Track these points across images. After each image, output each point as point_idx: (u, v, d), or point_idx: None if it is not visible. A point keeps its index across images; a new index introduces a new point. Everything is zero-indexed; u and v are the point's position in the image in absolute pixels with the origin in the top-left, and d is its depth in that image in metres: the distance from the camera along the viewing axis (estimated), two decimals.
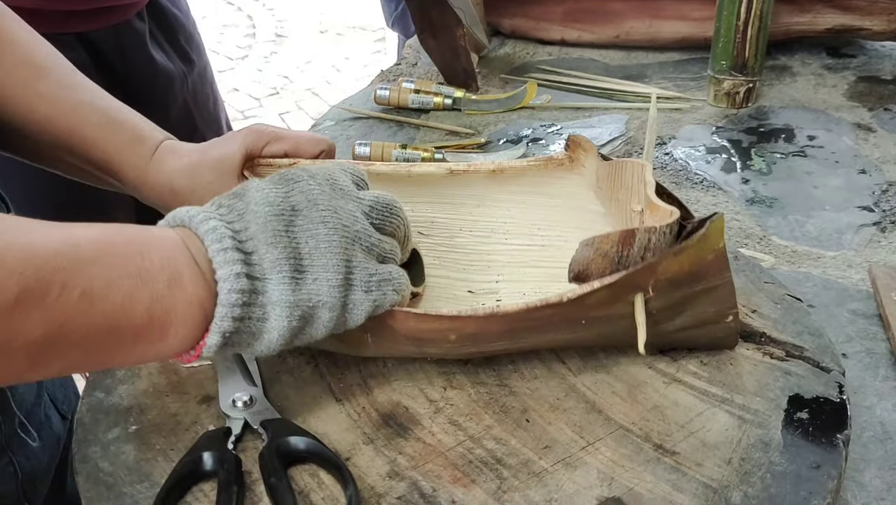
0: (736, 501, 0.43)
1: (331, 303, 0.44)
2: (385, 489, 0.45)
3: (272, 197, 0.45)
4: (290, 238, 0.44)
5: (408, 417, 0.50)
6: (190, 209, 0.44)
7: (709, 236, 0.47)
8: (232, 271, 0.42)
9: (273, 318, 0.43)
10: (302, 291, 0.44)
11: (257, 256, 0.43)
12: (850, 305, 0.68)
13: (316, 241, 0.44)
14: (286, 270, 0.43)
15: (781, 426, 0.48)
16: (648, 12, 1.17)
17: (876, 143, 0.93)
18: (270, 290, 0.43)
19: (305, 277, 0.44)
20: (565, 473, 0.46)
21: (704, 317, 0.51)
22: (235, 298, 0.42)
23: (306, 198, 0.46)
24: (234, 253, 0.42)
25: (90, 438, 0.49)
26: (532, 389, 0.52)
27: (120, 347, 0.40)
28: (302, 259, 0.44)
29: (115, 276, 0.38)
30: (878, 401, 0.59)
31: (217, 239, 0.42)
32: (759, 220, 0.81)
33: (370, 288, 0.46)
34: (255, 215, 0.44)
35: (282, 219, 0.44)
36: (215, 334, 0.42)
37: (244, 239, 0.43)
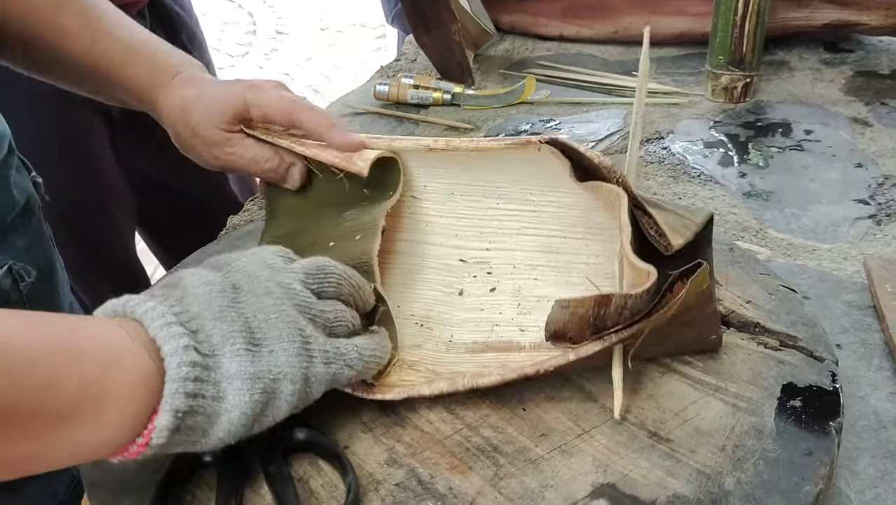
0: (729, 486, 0.44)
1: (292, 374, 0.42)
2: (383, 476, 0.46)
3: (210, 277, 0.43)
4: (237, 312, 0.41)
5: (406, 406, 0.51)
6: (120, 299, 0.41)
7: (694, 287, 0.46)
8: (179, 344, 0.38)
9: (231, 394, 0.40)
10: (261, 363, 0.41)
11: (204, 334, 0.40)
12: (845, 296, 0.69)
13: (265, 314, 0.42)
14: (240, 343, 0.40)
15: (775, 414, 0.48)
16: (647, 8, 1.18)
17: (872, 137, 0.93)
18: (225, 365, 0.40)
19: (261, 350, 0.41)
20: (561, 460, 0.46)
21: (688, 340, 0.52)
22: (186, 371, 0.38)
23: (245, 274, 0.44)
24: (178, 328, 0.39)
25: None
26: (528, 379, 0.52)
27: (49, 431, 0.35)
28: (254, 332, 0.41)
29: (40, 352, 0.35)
30: (872, 391, 0.59)
31: (158, 316, 0.39)
32: (755, 213, 0.81)
33: (329, 360, 0.44)
34: (194, 297, 0.41)
35: (225, 295, 0.42)
36: (166, 413, 0.38)
37: (187, 320, 0.40)
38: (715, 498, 0.43)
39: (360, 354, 0.46)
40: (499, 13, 1.24)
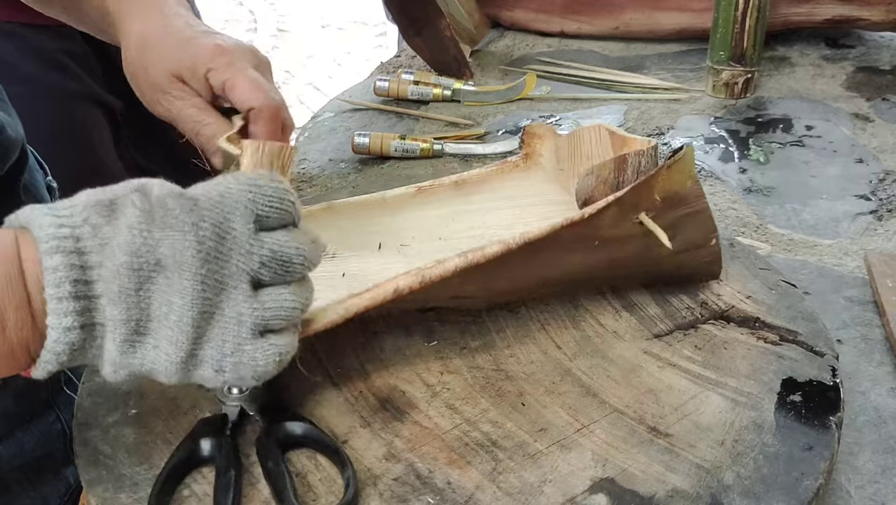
0: (728, 481, 0.44)
1: (166, 375, 0.42)
2: (382, 471, 0.46)
3: (138, 244, 0.40)
4: (139, 298, 0.40)
5: (405, 401, 0.50)
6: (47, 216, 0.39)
7: (686, 161, 0.54)
8: (62, 324, 0.39)
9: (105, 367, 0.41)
10: (135, 355, 0.41)
11: (100, 302, 0.40)
12: (846, 292, 0.69)
13: (167, 310, 0.40)
14: (123, 332, 0.40)
15: (774, 409, 0.48)
16: (648, 3, 1.18)
17: (873, 133, 0.93)
18: (104, 342, 0.40)
19: (145, 342, 0.41)
20: (560, 455, 0.46)
21: (694, 240, 0.57)
22: (62, 348, 0.39)
23: (175, 257, 0.40)
24: (70, 303, 0.39)
25: (90, 422, 0.49)
26: (528, 374, 0.52)
27: None
28: (148, 321, 0.41)
29: None
30: (873, 386, 0.59)
31: (56, 283, 0.38)
32: (756, 209, 0.81)
33: (222, 368, 0.42)
34: (112, 258, 0.39)
35: (138, 274, 0.40)
36: (40, 370, 0.40)
37: (94, 279, 0.39)
38: (714, 492, 0.43)
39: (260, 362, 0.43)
40: (499, 10, 1.24)
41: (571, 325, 0.56)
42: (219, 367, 0.42)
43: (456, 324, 0.57)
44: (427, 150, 0.91)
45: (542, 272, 0.55)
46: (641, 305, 0.58)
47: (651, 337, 0.55)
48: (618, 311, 0.58)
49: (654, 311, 0.57)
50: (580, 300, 0.58)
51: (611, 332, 0.56)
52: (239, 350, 0.42)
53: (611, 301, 0.58)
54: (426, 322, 0.57)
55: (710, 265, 0.58)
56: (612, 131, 0.61)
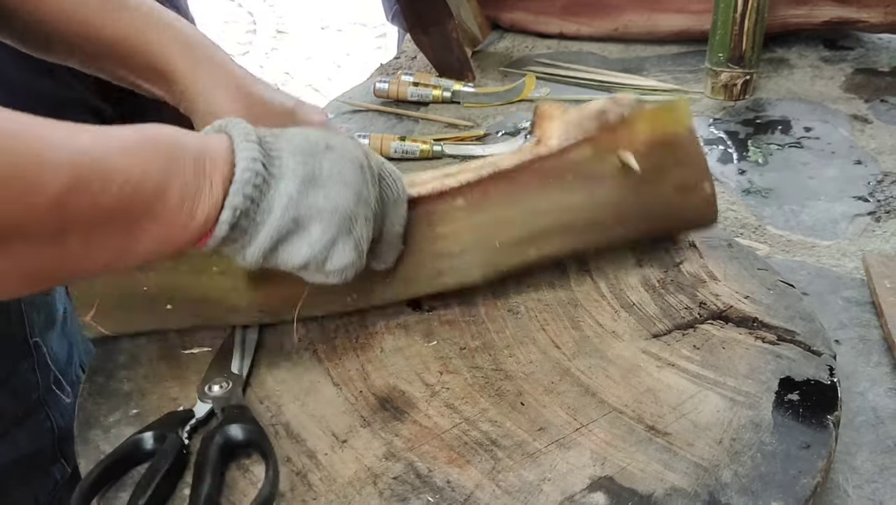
0: (726, 479, 0.44)
1: (326, 224, 0.47)
2: (382, 470, 0.46)
3: (309, 133, 0.49)
4: (315, 159, 0.47)
5: (404, 401, 0.51)
6: (231, 119, 0.48)
7: (676, 109, 0.57)
8: (249, 155, 0.45)
9: (275, 210, 0.46)
10: (307, 198, 0.46)
11: (279, 161, 0.46)
12: (844, 292, 0.69)
13: (339, 171, 0.47)
14: (300, 174, 0.46)
15: (772, 408, 0.49)
16: (647, 5, 1.18)
17: (872, 135, 0.93)
18: (281, 185, 0.46)
19: (317, 191, 0.47)
20: (559, 454, 0.46)
21: (683, 182, 0.59)
22: (248, 175, 0.44)
23: (342, 145, 0.49)
24: (254, 145, 0.45)
25: (91, 422, 0.50)
26: (527, 374, 0.52)
27: (155, 230, 0.43)
28: (320, 177, 0.47)
29: (148, 165, 0.42)
30: (871, 386, 0.60)
31: (243, 133, 0.46)
32: (754, 210, 0.82)
33: (360, 247, 0.49)
34: (287, 140, 0.48)
35: (314, 146, 0.48)
36: (228, 209, 0.44)
37: (271, 149, 0.46)
38: (712, 491, 0.43)
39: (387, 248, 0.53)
40: (499, 11, 1.24)
41: (570, 325, 0.57)
42: (358, 244, 0.49)
43: (456, 324, 0.57)
44: (427, 152, 0.91)
45: (527, 215, 0.57)
46: (640, 305, 0.58)
47: (650, 337, 0.55)
48: (616, 311, 0.58)
49: (652, 311, 0.58)
50: (579, 301, 0.59)
51: (609, 332, 0.56)
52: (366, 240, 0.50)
53: (609, 301, 0.59)
54: (426, 322, 0.57)
55: (702, 211, 0.60)
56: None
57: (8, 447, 0.64)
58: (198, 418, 0.48)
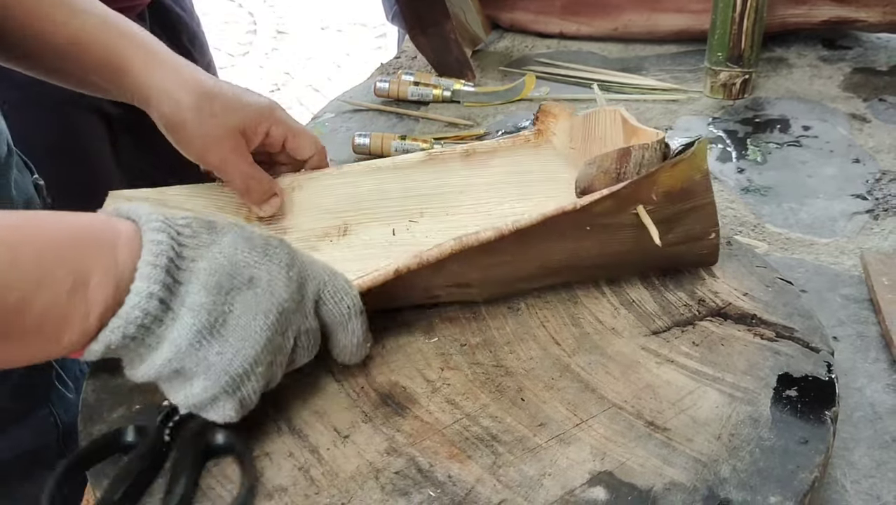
0: (725, 474, 0.44)
1: (211, 384, 0.42)
2: (383, 465, 0.46)
3: (239, 257, 0.43)
4: (226, 299, 0.41)
5: (406, 397, 0.51)
6: (153, 213, 0.42)
7: (696, 156, 0.54)
8: (147, 289, 0.39)
9: (157, 352, 0.41)
10: (198, 352, 0.41)
11: (184, 289, 0.41)
12: (842, 290, 0.69)
13: (246, 323, 0.42)
14: (201, 321, 0.41)
15: (770, 403, 0.49)
16: (646, 5, 1.18)
17: (870, 133, 0.94)
18: (175, 328, 0.41)
19: (211, 344, 0.41)
20: (559, 449, 0.47)
21: (692, 233, 0.57)
22: (136, 315, 0.39)
23: (269, 283, 0.43)
24: (161, 273, 0.40)
25: (95, 418, 0.50)
26: (527, 370, 0.53)
27: (7, 347, 0.38)
28: (223, 326, 0.41)
29: (9, 276, 0.37)
30: (869, 382, 0.60)
31: (154, 253, 0.40)
32: (753, 208, 0.82)
33: (247, 403, 0.45)
34: (211, 260, 0.42)
35: (233, 280, 0.42)
36: (100, 343, 0.40)
37: (184, 268, 0.41)
38: (711, 485, 0.44)
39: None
40: (499, 11, 1.25)
41: (570, 322, 0.57)
42: (245, 400, 0.44)
43: (457, 321, 0.57)
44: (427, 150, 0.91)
45: (538, 258, 0.56)
46: (640, 302, 0.59)
47: (649, 334, 0.56)
48: (616, 308, 0.58)
49: (652, 308, 0.58)
50: (579, 298, 0.59)
51: (609, 328, 0.56)
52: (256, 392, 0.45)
53: (609, 299, 0.59)
54: (427, 319, 0.57)
55: (706, 257, 0.60)
56: (625, 118, 0.63)
57: (12, 443, 0.65)
58: (181, 415, 0.48)
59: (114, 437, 0.46)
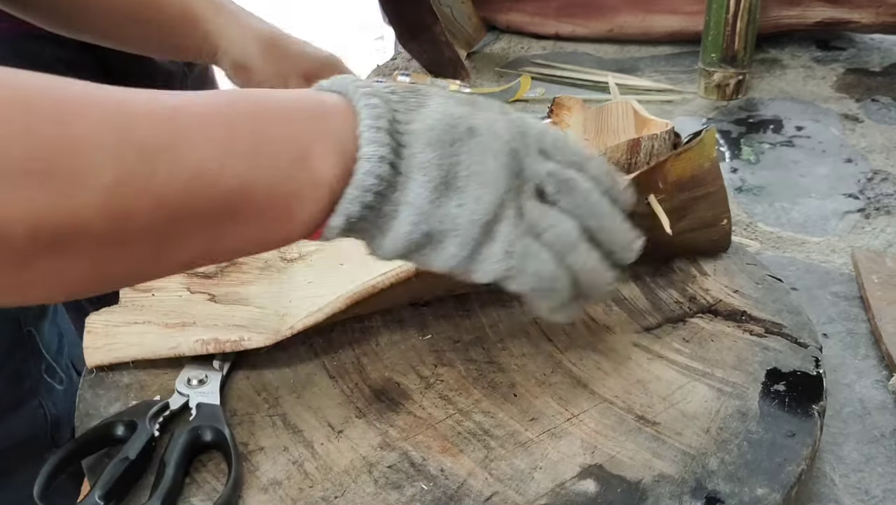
0: (713, 466, 0.45)
1: (462, 238, 0.39)
2: (376, 459, 0.47)
3: (452, 108, 0.40)
4: (452, 151, 0.39)
5: (399, 393, 0.52)
6: (358, 80, 0.40)
7: (705, 144, 0.55)
8: (377, 153, 0.37)
9: (401, 219, 0.39)
10: (439, 209, 0.39)
11: (408, 151, 0.38)
12: (833, 287, 0.70)
13: (479, 168, 0.39)
14: (433, 177, 0.38)
15: (759, 398, 0.50)
16: (641, 7, 1.19)
17: (863, 133, 0.95)
18: (410, 189, 0.38)
19: (450, 197, 0.39)
20: (550, 443, 0.47)
21: (704, 220, 0.58)
22: (371, 182, 0.37)
23: (489, 126, 0.40)
24: (385, 136, 0.37)
25: (92, 413, 0.50)
26: (520, 366, 0.53)
27: (242, 231, 0.36)
28: (455, 178, 0.39)
29: (227, 155, 0.34)
30: (858, 378, 0.61)
31: (373, 116, 0.37)
32: (746, 207, 0.83)
33: (511, 253, 0.40)
34: (425, 117, 0.39)
35: (453, 132, 0.39)
36: (340, 216, 0.38)
37: (403, 131, 0.38)
38: (699, 477, 0.44)
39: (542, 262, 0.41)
40: (495, 13, 1.25)
41: None
42: (509, 247, 0.40)
43: (450, 318, 0.58)
44: None
45: None
46: (632, 299, 0.59)
47: (641, 330, 0.56)
48: (608, 305, 0.59)
49: (643, 305, 0.59)
50: None
51: (602, 325, 0.57)
52: (525, 241, 0.40)
53: None
54: (421, 316, 0.58)
55: (718, 242, 0.61)
56: (636, 110, 0.64)
57: (7, 432, 0.66)
58: (172, 411, 0.49)
59: (105, 430, 0.47)
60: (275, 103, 0.38)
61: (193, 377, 0.51)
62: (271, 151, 0.36)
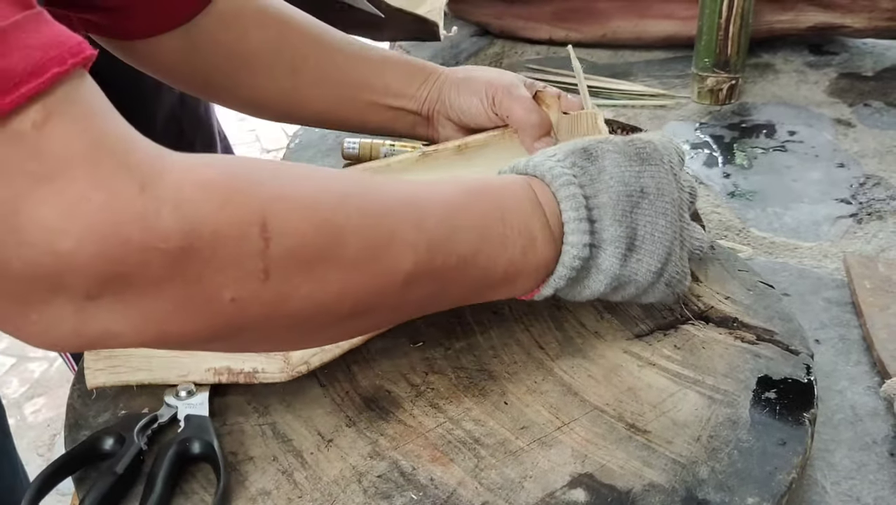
0: (703, 475, 0.45)
1: (642, 284, 0.50)
2: (366, 468, 0.47)
3: (626, 175, 0.49)
4: (632, 219, 0.48)
5: (390, 401, 0.52)
6: (547, 162, 0.48)
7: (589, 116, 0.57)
8: (581, 241, 0.47)
9: (594, 280, 0.49)
10: (626, 267, 0.48)
11: (600, 226, 0.48)
12: (825, 293, 0.70)
13: (652, 228, 0.48)
14: (622, 248, 0.48)
15: (750, 405, 0.50)
16: (635, 11, 1.19)
17: (855, 138, 0.95)
18: (602, 259, 0.48)
19: (632, 256, 0.48)
20: (541, 452, 0.47)
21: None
22: (577, 263, 0.47)
23: (656, 184, 0.49)
24: (586, 224, 0.47)
25: (80, 423, 0.50)
26: (511, 374, 0.53)
27: (477, 298, 0.48)
28: (635, 240, 0.48)
29: (482, 243, 0.44)
30: (850, 385, 0.60)
31: (574, 207, 0.47)
32: (738, 212, 0.83)
33: (672, 282, 0.51)
34: (607, 187, 0.48)
35: (630, 200, 0.48)
36: (549, 288, 0.48)
37: (592, 207, 0.48)
38: (689, 487, 0.44)
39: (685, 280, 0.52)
40: (488, 18, 1.25)
41: (554, 326, 0.57)
42: (671, 280, 0.51)
43: (441, 326, 0.58)
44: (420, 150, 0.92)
45: None
46: (623, 306, 0.59)
47: (632, 337, 0.56)
48: (600, 312, 0.59)
49: (635, 312, 0.59)
50: (563, 302, 0.59)
51: (593, 332, 0.57)
52: (682, 267, 0.51)
53: (593, 303, 0.59)
54: (412, 324, 0.58)
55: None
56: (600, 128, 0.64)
57: None
58: (160, 423, 0.49)
59: (93, 444, 0.47)
60: (508, 193, 0.47)
61: (182, 388, 0.50)
62: (512, 240, 0.45)
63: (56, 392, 1.96)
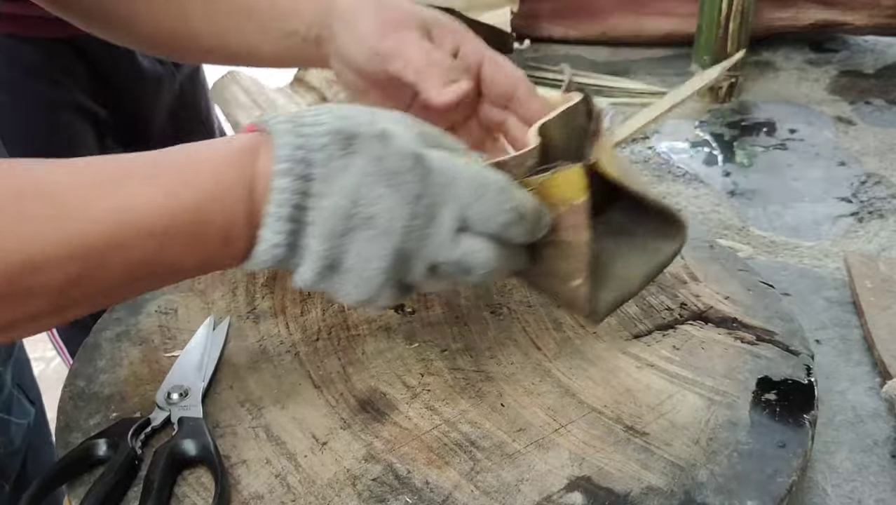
0: (702, 479, 0.44)
1: (347, 302, 0.45)
2: (361, 471, 0.46)
3: (362, 192, 0.41)
4: (341, 242, 0.42)
5: (385, 403, 0.51)
6: (286, 140, 0.41)
7: (556, 185, 0.44)
8: (272, 241, 0.42)
9: (298, 279, 0.44)
10: (323, 284, 0.44)
11: (309, 230, 0.42)
12: (826, 293, 0.69)
13: (360, 267, 0.43)
14: (319, 265, 0.42)
15: (749, 407, 0.49)
16: (634, 9, 1.19)
17: (856, 136, 0.94)
18: (304, 263, 0.43)
19: (334, 280, 0.43)
20: (537, 454, 0.47)
21: (555, 270, 0.47)
22: (266, 259, 0.43)
23: (386, 221, 0.42)
24: (284, 224, 0.41)
25: (72, 425, 0.50)
26: (508, 375, 0.53)
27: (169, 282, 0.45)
28: (340, 265, 0.43)
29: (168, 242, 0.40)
30: (851, 385, 0.60)
31: (278, 203, 0.41)
32: (738, 211, 0.82)
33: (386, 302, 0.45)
34: (332, 196, 0.41)
35: (348, 221, 0.42)
36: (251, 266, 0.44)
37: (309, 207, 0.41)
38: (688, 490, 0.44)
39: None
40: None
41: (552, 326, 0.57)
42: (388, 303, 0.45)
43: (438, 326, 0.57)
44: None
45: None
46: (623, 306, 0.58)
47: (630, 338, 0.56)
48: None
49: (634, 312, 0.58)
50: None
51: (591, 333, 0.56)
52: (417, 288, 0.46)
53: None
54: (408, 324, 0.57)
55: (572, 304, 0.48)
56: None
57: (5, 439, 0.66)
58: (153, 427, 0.48)
59: (86, 451, 0.46)
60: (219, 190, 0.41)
61: (174, 391, 0.50)
62: (207, 238, 0.41)
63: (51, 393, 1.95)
